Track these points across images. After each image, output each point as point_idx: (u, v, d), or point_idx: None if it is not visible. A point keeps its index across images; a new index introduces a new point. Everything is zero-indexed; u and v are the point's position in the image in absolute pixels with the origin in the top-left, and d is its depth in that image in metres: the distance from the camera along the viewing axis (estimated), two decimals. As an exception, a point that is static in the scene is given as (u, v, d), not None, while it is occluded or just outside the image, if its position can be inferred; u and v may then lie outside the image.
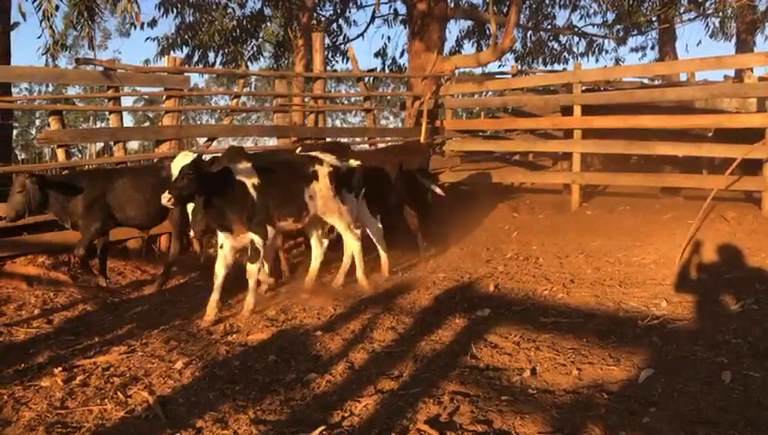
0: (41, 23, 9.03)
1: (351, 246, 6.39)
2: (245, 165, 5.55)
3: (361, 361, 4.33)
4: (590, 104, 10.19)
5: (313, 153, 6.36)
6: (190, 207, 5.63)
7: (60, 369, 4.33)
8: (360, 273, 6.37)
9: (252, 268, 5.60)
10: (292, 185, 5.83)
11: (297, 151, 7.13)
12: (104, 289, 6.49)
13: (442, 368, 4.06)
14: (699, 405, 3.32)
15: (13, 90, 9.64)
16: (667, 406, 3.33)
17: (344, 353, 4.48)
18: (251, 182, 5.51)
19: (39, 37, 8.98)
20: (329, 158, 6.20)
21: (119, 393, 3.90)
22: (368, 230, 6.72)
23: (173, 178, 5.19)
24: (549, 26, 18.84)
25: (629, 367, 3.89)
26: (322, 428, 3.25)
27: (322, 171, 6.03)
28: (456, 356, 4.27)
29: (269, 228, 5.60)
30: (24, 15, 8.00)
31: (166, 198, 5.00)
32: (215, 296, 5.47)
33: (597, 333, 4.60)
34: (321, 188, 5.99)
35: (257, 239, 5.54)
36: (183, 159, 5.27)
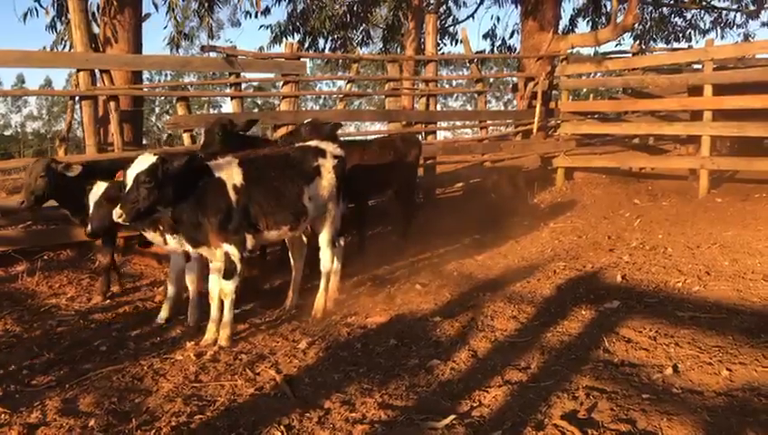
0: (166, 13, 9.53)
1: (332, 265, 5.31)
2: (227, 160, 4.60)
3: (484, 349, 4.20)
4: (723, 83, 9.42)
5: (313, 142, 5.28)
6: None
7: (192, 343, 4.52)
8: (327, 300, 5.27)
9: (228, 287, 4.53)
10: (287, 184, 4.74)
11: (280, 139, 6.71)
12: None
13: (573, 361, 3.86)
14: None
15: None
16: (840, 416, 2.97)
17: (465, 341, 4.37)
18: (232, 183, 4.46)
19: (165, 27, 9.47)
20: (331, 147, 5.12)
21: (247, 370, 4.01)
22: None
23: (126, 189, 4.13)
24: (672, 1, 17.61)
25: (788, 371, 3.52)
26: (453, 417, 3.16)
27: (327, 165, 4.99)
28: (586, 349, 4.05)
29: (249, 238, 4.58)
30: (156, 6, 8.39)
31: (116, 214, 4.08)
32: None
33: (743, 330, 4.21)
34: (326, 186, 4.97)
35: (234, 252, 4.48)
36: (140, 164, 4.14)
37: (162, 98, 36.35)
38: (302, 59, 8.46)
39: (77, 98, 7.09)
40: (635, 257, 6.45)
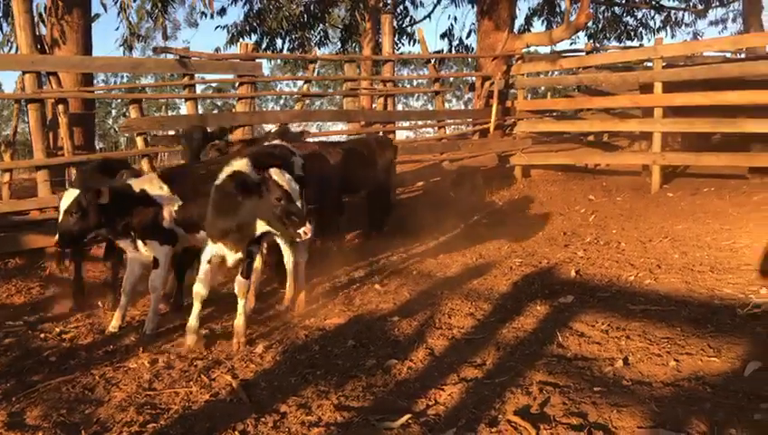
0: (118, 14, 9.33)
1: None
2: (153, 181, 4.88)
3: (442, 347, 4.23)
4: (672, 81, 9.68)
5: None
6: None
7: (145, 351, 4.44)
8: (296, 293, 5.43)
9: (153, 277, 4.89)
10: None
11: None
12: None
13: (527, 356, 3.91)
14: (817, 402, 3.05)
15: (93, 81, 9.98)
16: (780, 402, 3.07)
17: (423, 339, 4.39)
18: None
19: (117, 29, 9.29)
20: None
21: (203, 376, 3.95)
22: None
23: (59, 220, 4.54)
24: (623, 1, 18.02)
25: (732, 359, 3.63)
26: (408, 416, 3.17)
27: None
28: (540, 344, 4.11)
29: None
30: (105, 7, 8.21)
31: (53, 242, 4.58)
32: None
33: (691, 321, 4.33)
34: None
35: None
36: (67, 199, 4.52)
37: (119, 100, 35.58)
38: (257, 60, 8.38)
39: (23, 101, 6.88)
40: (589, 252, 6.58)
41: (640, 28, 18.23)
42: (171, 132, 7.67)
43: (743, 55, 13.89)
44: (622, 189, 10.08)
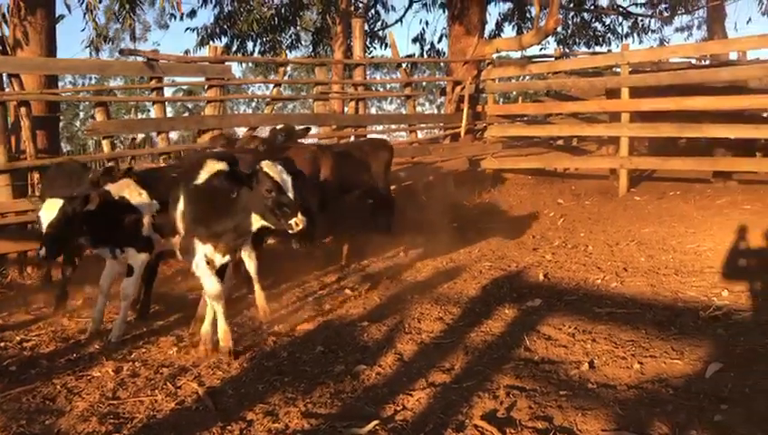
0: (84, 15, 9.16)
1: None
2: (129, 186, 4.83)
3: (411, 352, 4.23)
4: (638, 86, 9.85)
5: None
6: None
7: (110, 359, 4.36)
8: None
9: (126, 284, 4.83)
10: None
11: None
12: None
13: (495, 361, 3.94)
14: (775, 402, 3.12)
15: (58, 83, 9.79)
16: (740, 403, 3.14)
17: (392, 344, 4.39)
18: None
19: (83, 30, 9.10)
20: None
21: (168, 384, 3.89)
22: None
23: (43, 232, 4.35)
24: (592, 6, 18.29)
25: (695, 361, 3.70)
26: (376, 422, 3.16)
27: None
28: (508, 348, 4.14)
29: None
30: (69, 8, 8.04)
31: (42, 253, 4.33)
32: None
33: (656, 324, 4.41)
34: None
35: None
36: (49, 210, 4.34)
37: (87, 103, 35.01)
38: (226, 62, 8.31)
39: (-17, 104, 6.71)
40: (557, 256, 6.65)
41: (608, 34, 18.47)
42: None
43: (708, 62, 14.21)
44: (591, 193, 10.22)
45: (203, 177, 4.30)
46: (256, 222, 4.20)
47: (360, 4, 15.43)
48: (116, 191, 4.74)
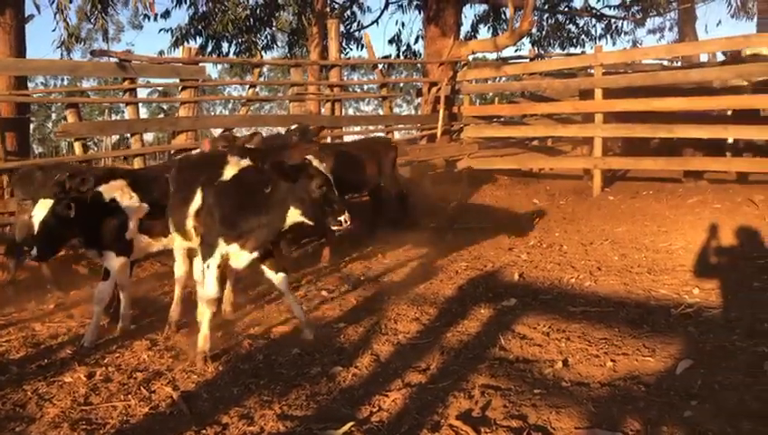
0: (55, 15, 9.01)
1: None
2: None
3: (387, 353, 4.24)
4: (611, 87, 9.98)
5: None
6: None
7: (82, 364, 4.29)
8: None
9: (101, 289, 4.75)
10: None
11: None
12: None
13: (471, 360, 3.96)
14: (743, 398, 3.18)
15: (29, 84, 9.64)
16: (709, 399, 3.20)
17: (369, 346, 4.39)
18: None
19: (53, 30, 8.96)
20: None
21: (142, 389, 3.85)
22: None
23: (35, 232, 4.25)
24: (566, 9, 18.50)
25: (666, 358, 3.76)
26: (351, 424, 3.16)
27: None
28: (484, 348, 4.16)
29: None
30: (38, 8, 7.91)
31: (32, 255, 4.25)
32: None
33: (628, 322, 4.47)
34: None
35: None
36: (41, 209, 4.28)
37: (59, 104, 34.49)
38: (200, 63, 8.25)
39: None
40: (532, 255, 6.71)
41: (582, 36, 18.73)
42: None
43: (679, 63, 14.46)
44: (565, 193, 10.33)
45: (229, 173, 4.22)
46: (291, 218, 4.08)
47: (336, 5, 15.41)
48: (108, 193, 4.71)
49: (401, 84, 15.44)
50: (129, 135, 7.99)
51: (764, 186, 8.74)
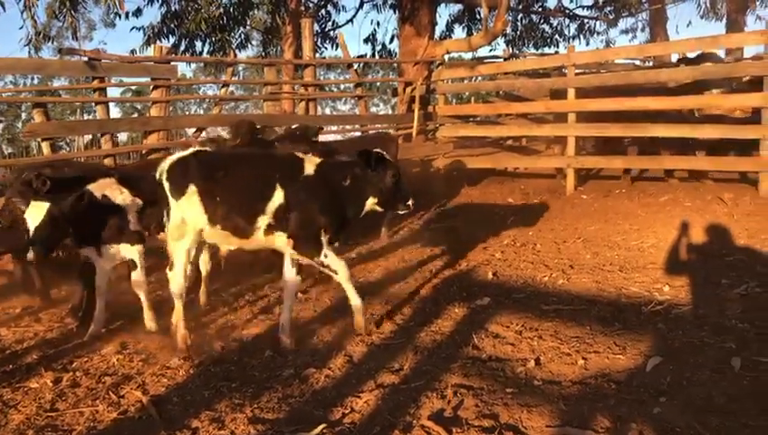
0: (22, 13, 8.82)
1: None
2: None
3: (360, 354, 4.22)
4: (583, 87, 10.07)
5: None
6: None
7: (49, 369, 4.21)
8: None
9: (135, 279, 4.89)
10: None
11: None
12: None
13: (443, 360, 3.96)
14: (710, 393, 3.23)
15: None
16: (678, 395, 3.24)
17: (342, 347, 4.37)
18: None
19: (21, 28, 8.77)
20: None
21: (111, 394, 3.78)
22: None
23: (30, 234, 4.27)
24: (539, 9, 18.66)
25: (636, 355, 3.80)
26: (323, 426, 3.14)
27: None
28: (457, 347, 4.17)
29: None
30: (2, 5, 7.74)
31: (30, 256, 4.28)
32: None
33: (600, 320, 4.51)
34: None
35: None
36: (36, 210, 4.31)
37: (29, 104, 33.74)
38: (172, 62, 8.15)
39: None
40: (506, 254, 6.74)
41: (556, 36, 18.91)
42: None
43: (651, 63, 14.65)
44: (539, 192, 10.38)
45: (310, 168, 4.35)
46: (368, 207, 4.49)
47: (311, 4, 15.35)
48: (98, 191, 4.72)
49: (378, 84, 15.44)
50: (99, 135, 7.87)
51: (733, 184, 8.89)
